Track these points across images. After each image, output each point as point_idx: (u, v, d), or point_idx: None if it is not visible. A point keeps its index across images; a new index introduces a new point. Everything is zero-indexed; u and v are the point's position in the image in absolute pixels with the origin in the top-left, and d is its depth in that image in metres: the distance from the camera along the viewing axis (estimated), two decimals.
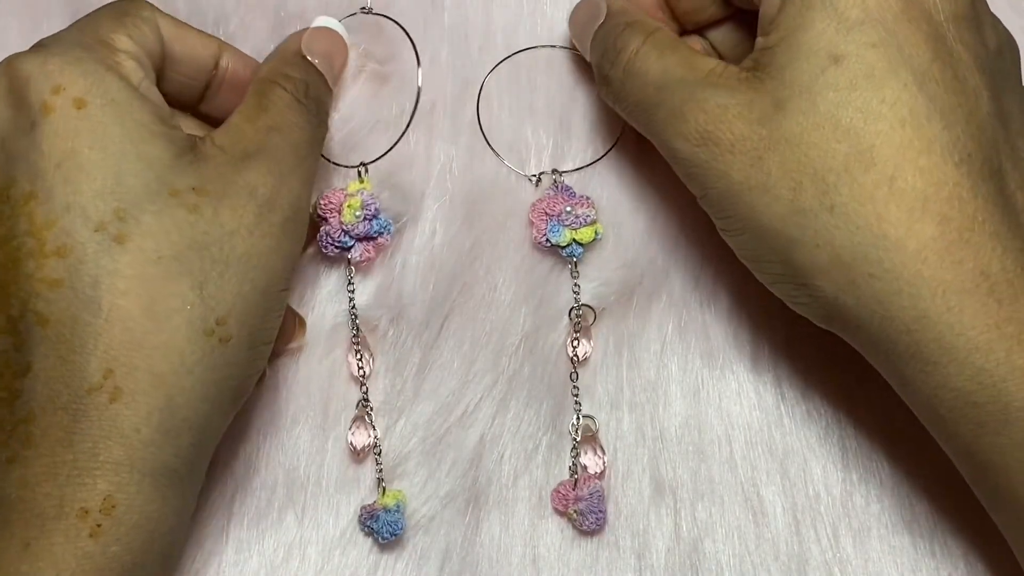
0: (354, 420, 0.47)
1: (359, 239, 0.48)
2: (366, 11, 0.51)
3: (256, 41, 0.49)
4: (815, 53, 0.39)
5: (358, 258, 0.48)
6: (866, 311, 0.39)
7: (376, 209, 0.48)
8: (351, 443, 0.47)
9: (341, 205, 0.48)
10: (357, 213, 0.47)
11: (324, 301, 0.48)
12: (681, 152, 0.41)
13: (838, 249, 0.38)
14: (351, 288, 0.48)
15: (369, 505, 0.46)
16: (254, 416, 0.47)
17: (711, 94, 0.40)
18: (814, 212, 0.39)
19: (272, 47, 0.46)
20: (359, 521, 0.46)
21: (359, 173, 0.49)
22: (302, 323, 0.48)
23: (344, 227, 0.47)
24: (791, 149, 0.39)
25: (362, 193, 0.48)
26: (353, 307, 0.48)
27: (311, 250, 0.48)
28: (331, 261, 0.49)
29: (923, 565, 0.45)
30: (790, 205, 0.39)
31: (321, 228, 0.48)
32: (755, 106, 0.39)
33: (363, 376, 0.47)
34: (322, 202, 0.48)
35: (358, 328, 0.48)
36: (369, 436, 0.47)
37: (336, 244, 0.48)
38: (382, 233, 0.48)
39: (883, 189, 0.38)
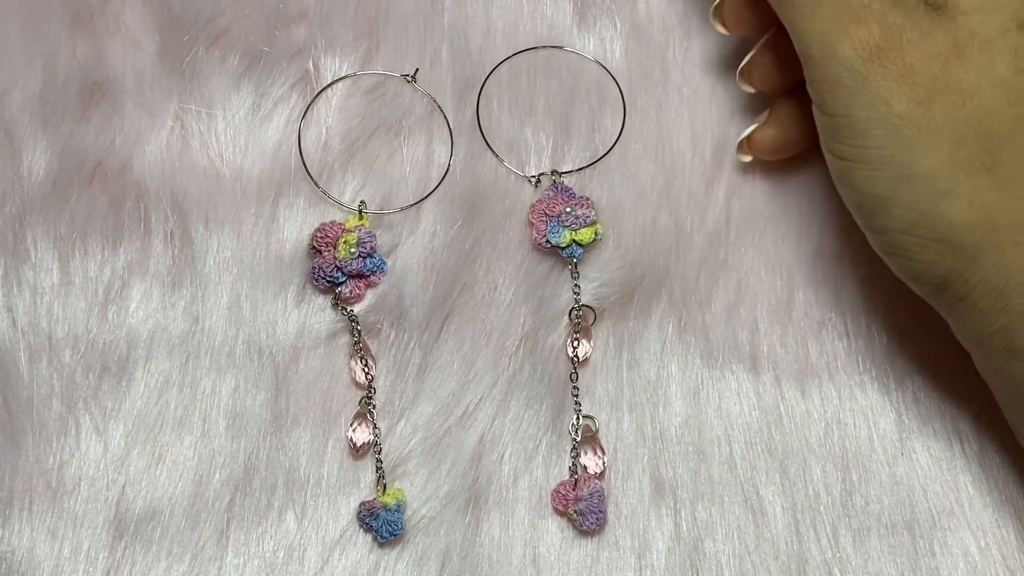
0: (355, 417, 0.47)
1: (351, 276, 0.48)
2: (409, 79, 0.50)
3: (253, 36, 0.50)
4: (1002, 10, 0.38)
5: (347, 294, 0.48)
6: (1000, 277, 0.38)
7: (372, 247, 0.48)
8: (351, 439, 0.47)
9: (336, 240, 0.47)
10: (352, 250, 0.47)
11: (325, 300, 0.48)
12: (846, 60, 0.39)
13: (992, 211, 0.38)
14: (346, 312, 0.48)
15: (369, 502, 0.46)
16: (254, 416, 0.47)
17: (891, 7, 0.39)
18: (973, 169, 0.38)
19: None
20: (358, 517, 0.46)
21: (359, 211, 0.49)
22: None
23: (337, 263, 0.47)
24: (962, 100, 0.38)
25: (360, 230, 0.48)
26: (352, 312, 0.48)
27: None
28: None
29: (923, 565, 0.45)
30: (950, 156, 0.38)
31: (313, 260, 0.48)
32: (933, 40, 0.38)
33: (367, 372, 0.47)
34: (318, 234, 0.48)
35: (359, 332, 0.48)
36: (369, 434, 0.47)
37: (327, 278, 0.47)
38: (375, 272, 0.48)
39: None
